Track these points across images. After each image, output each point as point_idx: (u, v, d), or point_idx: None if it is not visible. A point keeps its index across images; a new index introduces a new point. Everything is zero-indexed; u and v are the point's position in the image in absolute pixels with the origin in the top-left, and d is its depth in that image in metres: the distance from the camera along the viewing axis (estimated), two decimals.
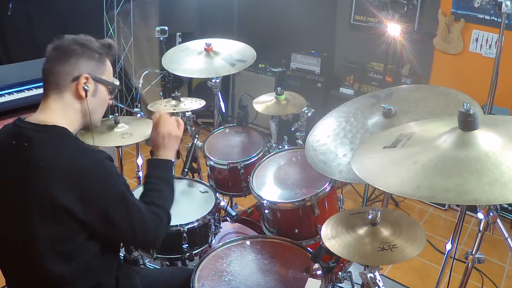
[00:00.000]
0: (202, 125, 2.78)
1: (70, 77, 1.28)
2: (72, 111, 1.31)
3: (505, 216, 3.11)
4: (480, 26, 3.32)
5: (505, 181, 0.93)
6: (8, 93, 3.22)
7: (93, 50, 1.32)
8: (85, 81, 1.29)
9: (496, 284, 2.62)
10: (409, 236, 1.33)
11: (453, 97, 1.60)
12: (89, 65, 1.31)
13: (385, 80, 3.65)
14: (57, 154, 1.18)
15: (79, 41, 1.31)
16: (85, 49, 1.30)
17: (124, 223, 1.25)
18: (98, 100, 1.36)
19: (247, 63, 2.35)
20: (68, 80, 1.28)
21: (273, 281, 1.52)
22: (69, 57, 1.28)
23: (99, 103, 1.38)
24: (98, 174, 1.21)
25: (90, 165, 1.20)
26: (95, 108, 1.36)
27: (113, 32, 4.08)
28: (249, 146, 2.31)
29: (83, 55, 1.30)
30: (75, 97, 1.30)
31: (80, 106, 1.32)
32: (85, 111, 1.33)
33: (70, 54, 1.29)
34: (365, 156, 1.26)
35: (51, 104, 1.29)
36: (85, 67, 1.30)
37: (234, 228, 2.21)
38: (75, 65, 1.29)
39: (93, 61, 1.32)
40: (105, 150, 1.38)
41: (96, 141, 2.04)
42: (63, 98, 1.29)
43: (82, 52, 1.30)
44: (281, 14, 4.22)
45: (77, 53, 1.29)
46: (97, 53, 1.33)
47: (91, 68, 1.32)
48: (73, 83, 1.29)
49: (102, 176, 1.22)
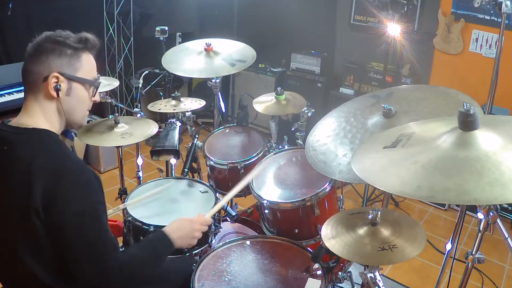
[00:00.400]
0: (202, 125, 2.78)
1: (41, 77, 1.22)
2: (50, 112, 1.26)
3: (505, 216, 3.11)
4: (480, 26, 3.32)
5: (505, 181, 0.93)
6: (8, 93, 3.22)
7: (65, 46, 1.24)
8: (55, 80, 1.23)
9: (496, 284, 2.62)
10: (409, 236, 1.33)
11: (453, 97, 1.60)
12: (59, 62, 1.24)
13: (385, 80, 3.65)
14: (33, 156, 1.15)
15: (51, 38, 1.24)
16: (56, 45, 1.23)
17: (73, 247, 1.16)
18: (75, 99, 1.28)
19: (247, 63, 2.35)
20: (40, 80, 1.23)
21: (273, 281, 1.52)
22: (40, 55, 1.23)
23: (76, 102, 1.29)
24: (68, 184, 1.15)
25: (64, 172, 1.16)
26: (73, 107, 1.29)
27: (113, 32, 4.08)
28: (249, 146, 2.31)
29: (53, 53, 1.23)
30: (48, 97, 1.24)
31: (55, 106, 1.26)
32: (61, 111, 1.27)
33: (41, 52, 1.23)
34: (365, 156, 1.26)
35: (29, 106, 1.25)
36: (55, 65, 1.23)
37: (234, 228, 2.20)
38: (45, 64, 1.22)
39: (65, 58, 1.24)
40: (105, 149, 1.37)
41: (96, 141, 2.04)
42: (38, 99, 1.24)
43: (52, 49, 1.23)
44: (281, 14, 4.23)
45: (47, 51, 1.23)
46: (69, 49, 1.25)
47: (62, 65, 1.24)
48: (44, 83, 1.23)
49: (71, 188, 1.15)
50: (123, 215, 1.90)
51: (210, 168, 2.24)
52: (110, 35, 4.08)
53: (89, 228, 1.17)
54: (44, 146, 1.19)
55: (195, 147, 2.25)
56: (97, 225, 1.20)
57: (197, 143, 2.27)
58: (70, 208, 1.14)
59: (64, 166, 1.17)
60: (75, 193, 1.16)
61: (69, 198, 1.15)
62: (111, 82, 2.43)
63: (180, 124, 2.20)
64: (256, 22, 4.32)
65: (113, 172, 3.79)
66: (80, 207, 1.16)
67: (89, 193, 1.19)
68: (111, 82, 2.42)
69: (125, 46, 4.20)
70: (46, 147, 1.19)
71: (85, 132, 2.10)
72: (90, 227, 1.18)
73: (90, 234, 1.18)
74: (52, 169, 1.14)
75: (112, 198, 2.46)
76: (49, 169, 1.14)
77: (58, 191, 1.13)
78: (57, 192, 1.13)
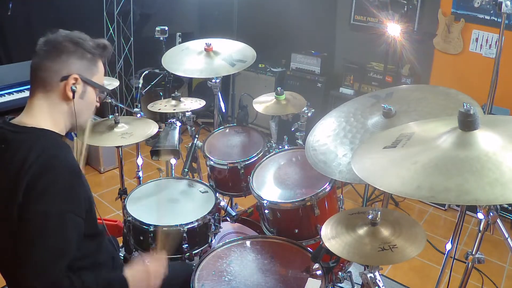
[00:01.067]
0: (202, 125, 2.79)
1: (58, 76, 1.22)
2: (58, 112, 1.25)
3: (505, 216, 3.11)
4: (480, 26, 3.32)
5: (505, 181, 0.93)
6: (8, 93, 3.22)
7: (86, 49, 1.25)
8: (74, 82, 1.23)
9: (496, 284, 2.62)
10: (409, 236, 1.33)
11: (453, 97, 1.60)
12: (80, 65, 1.24)
13: (385, 80, 3.65)
14: (26, 155, 1.13)
15: (72, 39, 1.24)
16: (78, 47, 1.23)
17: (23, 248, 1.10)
18: (86, 102, 1.29)
19: (247, 63, 2.35)
20: (56, 79, 1.22)
21: (273, 281, 1.52)
22: (60, 54, 1.21)
23: (86, 106, 1.30)
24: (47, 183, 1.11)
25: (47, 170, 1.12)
26: (82, 110, 1.29)
27: (113, 32, 4.08)
28: (249, 146, 2.31)
29: (75, 54, 1.23)
30: (62, 97, 1.24)
31: (66, 107, 1.26)
32: (71, 113, 1.26)
33: (61, 51, 1.22)
34: (365, 156, 1.26)
35: (36, 104, 1.23)
36: (76, 66, 1.23)
37: (234, 228, 2.21)
38: (65, 64, 1.22)
39: (85, 61, 1.25)
40: (105, 149, 1.36)
41: (96, 141, 2.04)
42: (49, 98, 1.23)
43: (74, 50, 1.23)
44: (281, 14, 4.23)
45: (69, 51, 1.22)
46: (90, 53, 1.26)
47: (82, 68, 1.25)
48: (62, 83, 1.22)
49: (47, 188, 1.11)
50: (123, 215, 1.90)
51: (210, 168, 2.24)
52: (110, 35, 4.08)
53: (49, 233, 1.10)
54: (39, 145, 1.17)
55: (195, 147, 2.25)
56: (58, 238, 1.12)
57: (197, 143, 2.27)
58: (37, 206, 1.10)
59: (50, 164, 1.14)
60: (50, 192, 1.12)
61: (41, 195, 1.11)
62: (111, 82, 2.43)
63: (180, 124, 2.20)
64: (256, 22, 4.32)
65: (113, 172, 3.79)
66: (48, 208, 1.10)
67: (64, 198, 1.14)
68: (111, 82, 2.42)
69: (125, 46, 4.20)
70: (40, 146, 1.17)
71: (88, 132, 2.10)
72: (50, 233, 1.11)
73: (47, 241, 1.10)
74: (39, 165, 1.12)
75: (112, 198, 2.46)
76: (36, 166, 1.12)
77: (35, 186, 1.10)
78: (34, 188, 1.10)
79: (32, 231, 1.10)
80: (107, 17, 4.02)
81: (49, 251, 1.11)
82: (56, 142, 1.23)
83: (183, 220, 1.79)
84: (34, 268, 1.10)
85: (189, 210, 1.89)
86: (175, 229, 1.77)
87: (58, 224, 1.12)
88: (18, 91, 3.24)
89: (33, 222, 1.11)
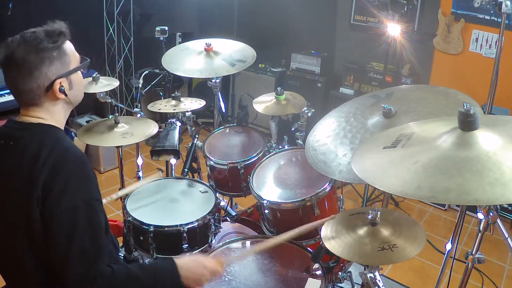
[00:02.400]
0: (202, 125, 2.79)
1: (42, 90, 1.20)
2: (57, 110, 1.27)
3: (505, 216, 3.11)
4: (480, 26, 3.32)
5: (505, 181, 0.93)
6: (8, 93, 3.22)
7: (49, 50, 1.19)
8: (59, 85, 1.22)
9: (496, 284, 2.62)
10: (409, 236, 1.33)
11: (453, 97, 1.60)
12: (54, 68, 1.21)
13: (385, 80, 3.65)
14: (41, 150, 1.15)
15: (30, 48, 1.17)
16: (41, 54, 1.18)
17: (60, 243, 1.12)
18: (76, 87, 1.30)
19: (247, 63, 2.35)
20: (42, 93, 1.21)
21: (273, 281, 1.51)
22: (30, 72, 1.17)
23: (77, 89, 1.31)
24: (67, 177, 1.13)
25: (65, 164, 1.15)
26: (77, 94, 1.32)
27: (113, 32, 4.08)
28: (249, 146, 2.31)
29: (44, 63, 1.19)
30: (54, 100, 1.25)
31: (62, 102, 1.27)
32: (68, 103, 1.28)
33: (30, 68, 1.17)
34: (365, 156, 1.26)
35: (32, 112, 1.24)
36: (52, 72, 1.20)
37: (234, 228, 2.20)
38: (41, 77, 1.19)
39: (55, 61, 1.21)
40: (105, 149, 1.37)
41: (96, 141, 2.04)
42: (42, 107, 1.24)
43: (41, 60, 1.18)
44: (281, 14, 4.23)
45: (37, 64, 1.18)
46: (54, 51, 1.20)
47: (57, 69, 1.22)
48: (48, 93, 1.22)
49: (69, 181, 1.13)
50: (123, 215, 1.90)
51: (210, 168, 2.24)
52: (110, 35, 4.08)
53: (82, 227, 1.13)
54: (48, 140, 1.19)
55: (195, 147, 2.24)
56: (92, 224, 1.15)
57: (197, 143, 2.27)
58: (62, 203, 1.12)
59: (64, 158, 1.16)
60: (71, 187, 1.14)
61: (63, 192, 1.12)
62: (111, 82, 2.43)
63: (180, 124, 2.20)
64: (256, 22, 4.32)
65: (113, 172, 3.79)
66: (73, 203, 1.13)
67: (87, 188, 1.17)
68: (111, 82, 2.42)
69: (125, 46, 4.20)
70: (50, 141, 1.19)
71: (85, 132, 2.10)
72: (84, 226, 1.13)
73: (83, 234, 1.13)
74: (53, 161, 1.14)
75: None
76: (51, 161, 1.14)
77: (56, 182, 1.12)
78: (54, 183, 1.12)
79: (65, 229, 1.12)
80: (107, 17, 4.02)
81: (88, 243, 1.14)
82: (62, 135, 1.25)
83: (183, 220, 1.79)
84: (79, 263, 1.12)
85: (189, 210, 1.89)
86: (175, 229, 1.77)
87: (88, 214, 1.15)
88: None
89: (65, 220, 1.12)
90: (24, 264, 1.19)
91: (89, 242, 1.14)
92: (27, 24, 1.25)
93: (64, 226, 1.12)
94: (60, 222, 1.12)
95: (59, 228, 1.12)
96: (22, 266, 1.20)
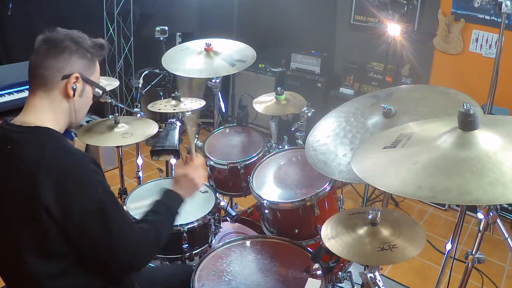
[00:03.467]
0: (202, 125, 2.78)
1: (60, 74, 1.23)
2: (58, 110, 1.26)
3: (505, 216, 3.11)
4: (480, 26, 3.32)
5: (506, 181, 0.93)
6: (8, 93, 3.22)
7: (86, 49, 1.27)
8: (75, 81, 1.25)
9: (496, 284, 2.62)
10: (409, 236, 1.33)
11: (453, 97, 1.60)
12: (81, 64, 1.26)
13: (385, 80, 3.65)
14: (39, 154, 1.14)
15: (73, 38, 1.25)
16: (79, 46, 1.25)
17: (101, 238, 1.17)
18: (84, 100, 1.32)
19: (247, 63, 2.35)
20: (58, 77, 1.23)
21: (273, 281, 1.51)
22: (62, 53, 1.23)
23: (84, 103, 1.33)
24: (80, 178, 1.16)
25: (72, 167, 1.16)
26: (80, 108, 1.32)
27: (113, 32, 4.08)
28: (249, 146, 2.31)
29: (76, 53, 1.25)
30: (62, 95, 1.25)
31: (67, 105, 1.28)
32: (71, 111, 1.29)
33: (63, 50, 1.23)
34: (365, 156, 1.26)
35: (37, 103, 1.24)
36: (77, 65, 1.25)
37: (234, 228, 2.21)
38: (67, 62, 1.24)
39: (85, 60, 1.28)
40: (105, 149, 1.37)
41: (96, 141, 2.04)
42: (50, 96, 1.24)
43: (76, 49, 1.25)
44: (281, 14, 4.22)
45: (71, 50, 1.24)
46: (89, 53, 1.28)
47: (83, 67, 1.27)
48: (63, 81, 1.24)
49: (83, 182, 1.16)
50: None
51: (210, 168, 2.24)
52: (110, 35, 4.08)
53: (109, 216, 1.18)
54: (49, 143, 1.18)
55: (195, 147, 2.24)
56: (114, 207, 1.21)
57: (197, 143, 2.27)
58: (84, 208, 1.14)
59: (70, 162, 1.17)
60: (89, 186, 1.17)
61: (82, 193, 1.15)
62: (111, 82, 2.43)
63: (180, 124, 2.20)
64: (256, 22, 4.32)
65: (113, 172, 3.79)
66: (97, 199, 1.16)
67: (100, 181, 1.20)
68: (111, 82, 2.42)
69: (125, 46, 4.20)
70: (51, 145, 1.18)
71: (85, 132, 2.10)
72: (110, 214, 1.18)
73: (112, 221, 1.18)
74: (59, 165, 1.14)
75: None
76: (56, 166, 1.13)
77: (71, 187, 1.13)
78: (70, 189, 1.13)
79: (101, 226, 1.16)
80: (107, 17, 4.02)
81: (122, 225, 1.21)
82: (61, 139, 1.24)
83: (183, 220, 1.80)
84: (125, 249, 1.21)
85: (189, 210, 1.89)
86: (175, 229, 1.77)
87: (112, 203, 1.21)
88: (18, 91, 3.24)
89: (97, 218, 1.16)
90: (24, 267, 1.18)
91: (122, 223, 1.22)
92: (27, 24, 1.26)
93: (98, 225, 1.16)
94: (93, 222, 1.15)
95: (94, 229, 1.16)
96: (22, 268, 1.19)
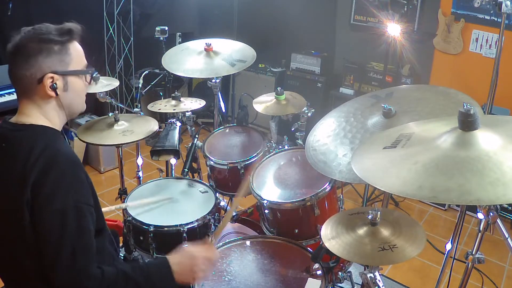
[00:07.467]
0: (202, 125, 2.78)
1: (34, 80, 1.19)
2: (49, 110, 1.24)
3: (505, 216, 3.11)
4: (480, 26, 3.32)
5: (506, 181, 0.93)
6: (8, 93, 3.22)
7: (51, 42, 1.19)
8: (51, 80, 1.20)
9: (496, 284, 2.62)
10: (409, 236, 1.33)
11: (453, 97, 1.60)
12: (50, 62, 1.19)
13: (385, 80, 3.65)
14: (32, 151, 1.14)
15: (33, 37, 1.18)
16: (42, 44, 1.18)
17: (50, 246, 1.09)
18: (73, 92, 1.26)
19: (247, 63, 2.35)
20: (33, 83, 1.19)
21: (273, 281, 1.51)
22: (27, 58, 1.17)
23: (74, 95, 1.28)
24: (58, 177, 1.12)
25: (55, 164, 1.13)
26: (72, 100, 1.28)
27: (113, 32, 4.08)
28: (249, 146, 2.30)
29: (41, 53, 1.18)
30: (46, 97, 1.22)
31: (55, 103, 1.25)
32: (62, 106, 1.25)
33: (28, 55, 1.17)
34: (365, 156, 1.25)
35: (25, 108, 1.23)
36: (47, 65, 1.19)
37: (234, 228, 2.20)
38: (36, 66, 1.18)
39: (53, 55, 1.20)
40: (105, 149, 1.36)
41: (96, 139, 2.04)
42: (36, 101, 1.22)
43: (39, 49, 1.18)
44: (281, 14, 4.23)
45: (34, 52, 1.18)
46: (56, 45, 1.20)
47: (53, 64, 1.20)
48: (39, 85, 1.20)
49: (58, 181, 1.12)
50: (123, 215, 1.90)
51: (210, 168, 2.24)
52: (110, 35, 4.08)
53: (71, 229, 1.10)
54: (40, 141, 1.17)
55: (195, 147, 2.24)
56: (81, 227, 1.13)
57: (197, 143, 2.27)
58: (51, 205, 1.10)
59: (54, 159, 1.14)
60: (61, 188, 1.12)
61: (52, 193, 1.11)
62: (111, 82, 2.43)
63: (180, 124, 2.20)
64: (256, 22, 4.32)
65: (113, 172, 3.79)
66: (63, 205, 1.10)
67: (75, 190, 1.14)
68: (111, 82, 2.42)
69: (125, 46, 4.19)
70: (42, 142, 1.17)
71: (85, 130, 2.10)
72: (73, 228, 1.10)
73: (72, 236, 1.10)
74: (43, 162, 1.12)
75: (112, 198, 2.46)
76: (41, 162, 1.12)
77: (44, 184, 1.11)
78: (43, 185, 1.10)
79: (54, 232, 1.10)
80: (107, 17, 4.02)
81: (77, 246, 1.11)
82: (55, 137, 1.23)
83: (183, 220, 1.80)
84: (66, 267, 1.09)
85: (189, 210, 1.89)
86: (175, 229, 1.77)
87: (77, 218, 1.12)
88: None
89: (53, 222, 1.10)
90: (21, 267, 1.18)
91: (78, 244, 1.11)
92: (27, 24, 1.25)
93: (53, 228, 1.10)
94: (49, 223, 1.10)
95: (48, 230, 1.10)
96: (19, 269, 1.19)
